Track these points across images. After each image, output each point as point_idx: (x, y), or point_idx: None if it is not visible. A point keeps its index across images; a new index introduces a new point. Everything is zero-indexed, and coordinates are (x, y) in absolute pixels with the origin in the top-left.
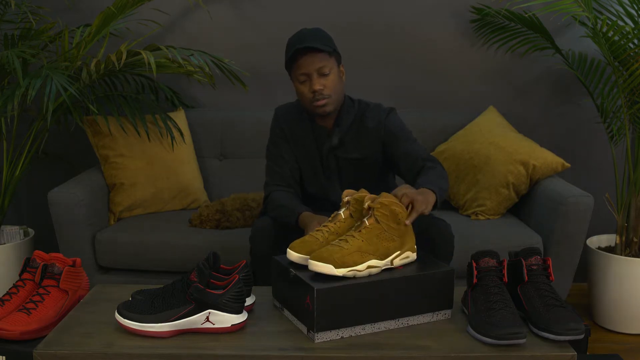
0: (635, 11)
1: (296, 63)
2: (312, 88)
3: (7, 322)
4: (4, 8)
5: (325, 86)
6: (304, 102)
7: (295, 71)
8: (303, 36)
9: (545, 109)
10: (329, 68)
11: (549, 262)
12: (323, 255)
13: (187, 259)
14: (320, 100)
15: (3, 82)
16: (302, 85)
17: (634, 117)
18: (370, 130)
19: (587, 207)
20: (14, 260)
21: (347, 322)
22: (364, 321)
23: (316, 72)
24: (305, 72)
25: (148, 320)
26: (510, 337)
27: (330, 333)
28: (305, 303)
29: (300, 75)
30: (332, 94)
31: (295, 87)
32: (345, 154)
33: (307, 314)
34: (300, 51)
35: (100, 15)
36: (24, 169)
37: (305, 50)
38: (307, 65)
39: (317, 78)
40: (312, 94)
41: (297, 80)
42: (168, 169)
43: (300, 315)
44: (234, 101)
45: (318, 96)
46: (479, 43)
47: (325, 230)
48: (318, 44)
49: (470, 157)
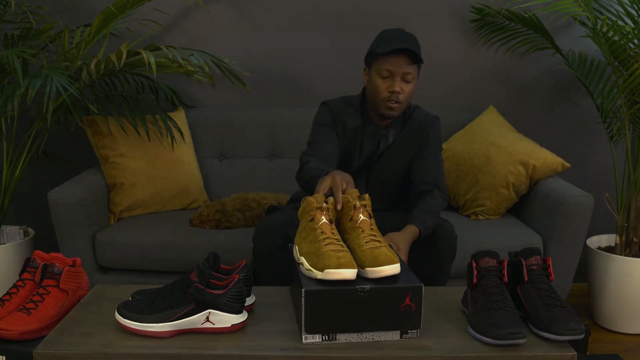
0: (635, 11)
1: (388, 58)
2: (392, 87)
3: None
4: (4, 8)
5: (404, 92)
6: (376, 96)
7: (381, 64)
8: (405, 36)
9: (545, 109)
10: (412, 77)
11: (549, 262)
12: (381, 259)
13: (187, 259)
14: (394, 103)
15: (3, 82)
16: (382, 80)
17: (634, 117)
18: (414, 134)
19: (587, 207)
20: (14, 260)
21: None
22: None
23: (401, 75)
24: (392, 71)
25: (148, 320)
26: (510, 337)
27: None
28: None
29: (385, 70)
30: (405, 101)
31: (372, 78)
32: (394, 154)
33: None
34: (400, 50)
35: (100, 15)
36: (24, 169)
37: (405, 51)
38: (399, 66)
39: (400, 81)
40: (389, 93)
41: (378, 73)
42: (168, 169)
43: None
44: (234, 101)
45: (394, 97)
46: (479, 43)
47: (334, 241)
48: (416, 50)
49: (470, 157)
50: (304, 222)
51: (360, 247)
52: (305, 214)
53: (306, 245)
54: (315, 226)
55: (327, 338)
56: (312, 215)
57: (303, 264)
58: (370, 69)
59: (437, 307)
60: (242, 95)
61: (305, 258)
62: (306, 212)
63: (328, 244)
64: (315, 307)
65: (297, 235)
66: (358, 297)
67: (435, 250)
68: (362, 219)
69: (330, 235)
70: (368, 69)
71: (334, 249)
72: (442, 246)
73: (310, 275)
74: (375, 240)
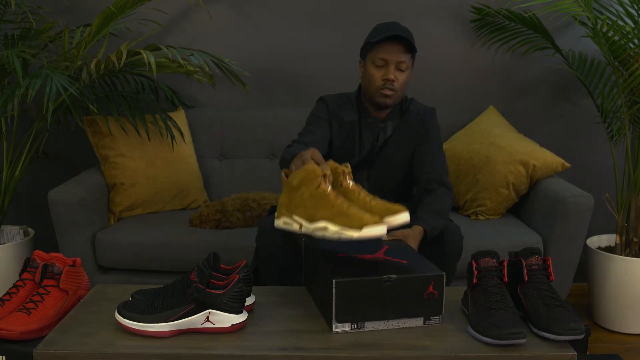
0: (635, 11)
1: (382, 46)
2: (386, 75)
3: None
4: (4, 8)
5: (398, 80)
6: (370, 86)
7: (376, 53)
8: (399, 27)
9: (545, 109)
10: (407, 66)
11: (549, 262)
12: (393, 209)
13: (187, 259)
14: (388, 90)
15: (3, 82)
16: (376, 69)
17: (634, 117)
18: (413, 126)
19: (587, 207)
20: (14, 260)
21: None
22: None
23: (396, 63)
24: (386, 59)
25: (148, 320)
26: (510, 337)
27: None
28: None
29: (379, 59)
30: (399, 90)
31: (367, 68)
32: (394, 147)
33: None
34: (393, 38)
35: (100, 15)
36: (24, 169)
37: (399, 40)
38: (392, 54)
39: (394, 69)
40: (383, 81)
41: (373, 63)
42: (168, 169)
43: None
44: (234, 101)
45: (388, 85)
46: (479, 43)
47: (351, 204)
48: (412, 41)
49: (470, 157)
50: (306, 191)
51: (367, 205)
52: (308, 182)
53: (323, 211)
54: (326, 193)
55: (356, 327)
56: (319, 183)
57: (327, 229)
58: (365, 61)
59: None
60: (242, 95)
61: (330, 222)
62: (309, 181)
63: (349, 206)
64: (345, 297)
65: (299, 205)
66: (385, 286)
67: (441, 250)
68: (351, 184)
69: (344, 200)
70: (363, 61)
71: (358, 210)
72: (448, 246)
73: (342, 237)
74: (374, 197)
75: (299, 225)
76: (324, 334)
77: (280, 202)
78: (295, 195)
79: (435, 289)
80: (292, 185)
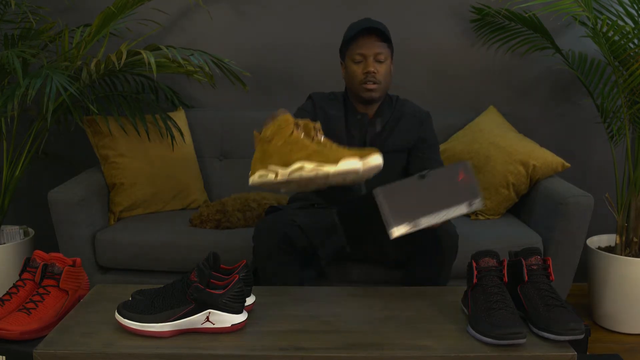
0: (636, 11)
1: (357, 42)
2: (366, 69)
3: (7, 322)
4: (4, 8)
5: (379, 72)
6: (353, 82)
7: (353, 50)
8: (370, 20)
9: (545, 109)
10: (385, 57)
11: (549, 262)
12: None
13: (187, 259)
14: (371, 84)
15: (3, 82)
16: (356, 65)
17: (634, 117)
18: (408, 126)
19: (587, 207)
20: (14, 260)
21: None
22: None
23: (373, 56)
24: (363, 53)
25: (148, 320)
26: (510, 337)
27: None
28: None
29: (357, 54)
30: (383, 81)
31: (348, 67)
32: (386, 141)
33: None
34: (366, 31)
35: (100, 15)
36: (24, 169)
37: (371, 32)
38: (368, 47)
39: (372, 62)
40: (365, 75)
41: (351, 60)
42: (168, 169)
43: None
44: (234, 101)
45: (370, 78)
46: (479, 43)
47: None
48: (383, 30)
49: (470, 157)
50: (280, 139)
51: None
52: (281, 131)
53: (298, 154)
54: (300, 138)
55: (413, 225)
56: (291, 130)
57: (304, 167)
58: (345, 61)
59: (437, 307)
60: (242, 95)
61: (306, 161)
62: (282, 129)
63: (324, 146)
64: (393, 201)
65: (273, 154)
66: (421, 183)
67: (436, 249)
68: (322, 138)
69: (316, 143)
70: (343, 62)
71: (333, 147)
72: (443, 245)
73: (318, 173)
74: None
75: (274, 174)
76: (324, 334)
77: (254, 159)
78: (269, 146)
79: (466, 174)
80: (266, 137)
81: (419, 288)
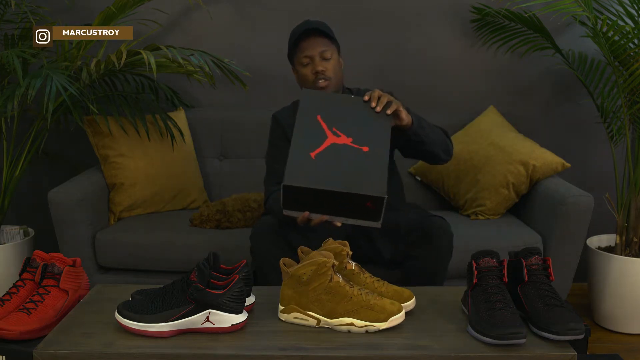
0: (636, 11)
1: (300, 47)
2: (314, 69)
3: (7, 322)
4: (4, 8)
5: (327, 69)
6: (307, 84)
7: (298, 55)
8: (309, 22)
9: (545, 109)
10: (331, 53)
11: (549, 262)
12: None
13: (187, 259)
14: (322, 82)
15: (3, 82)
16: (305, 68)
17: (634, 117)
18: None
19: (587, 207)
20: (14, 260)
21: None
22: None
23: (319, 55)
24: (309, 55)
25: (148, 320)
26: (510, 337)
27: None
28: (366, 206)
29: (303, 58)
30: (333, 77)
31: (298, 71)
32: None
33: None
34: (305, 34)
35: (100, 15)
36: (24, 169)
37: (310, 34)
38: (311, 48)
39: (319, 61)
40: (315, 75)
41: (300, 64)
42: (168, 169)
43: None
44: (234, 101)
45: (320, 76)
46: (479, 43)
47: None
48: (322, 28)
49: (470, 157)
50: (319, 286)
51: (376, 289)
52: (319, 276)
53: (343, 306)
54: (340, 284)
55: (303, 216)
56: (330, 276)
57: (354, 324)
58: (295, 66)
59: (437, 307)
60: (242, 95)
61: (354, 318)
62: (320, 275)
63: (367, 297)
64: (292, 196)
65: (314, 300)
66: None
67: (432, 249)
68: (354, 265)
69: (358, 289)
70: (294, 67)
71: (376, 299)
72: (439, 245)
73: (369, 330)
74: (376, 279)
75: (316, 321)
76: (324, 334)
77: (287, 295)
78: (307, 290)
79: (374, 206)
80: (301, 278)
81: (418, 288)
